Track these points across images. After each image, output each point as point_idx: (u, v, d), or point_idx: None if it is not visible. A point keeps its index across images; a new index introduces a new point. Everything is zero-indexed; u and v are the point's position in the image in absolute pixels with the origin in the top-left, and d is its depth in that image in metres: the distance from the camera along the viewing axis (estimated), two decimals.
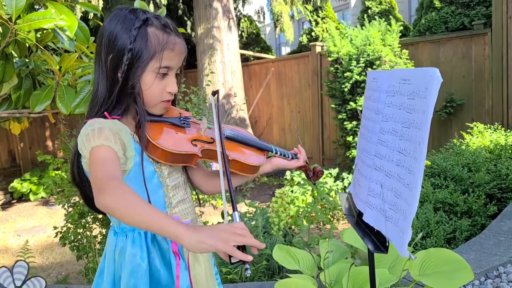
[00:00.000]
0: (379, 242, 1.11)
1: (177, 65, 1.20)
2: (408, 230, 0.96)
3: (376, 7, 8.70)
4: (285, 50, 23.06)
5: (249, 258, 0.91)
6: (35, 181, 7.19)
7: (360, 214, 1.25)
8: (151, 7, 7.92)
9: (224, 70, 7.61)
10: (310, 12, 9.67)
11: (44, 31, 2.01)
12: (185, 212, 1.27)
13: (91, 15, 6.97)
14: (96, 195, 0.96)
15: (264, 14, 10.87)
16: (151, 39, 1.14)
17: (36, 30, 1.92)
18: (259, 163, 1.35)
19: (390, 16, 7.83)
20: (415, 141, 0.97)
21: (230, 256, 0.92)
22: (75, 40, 1.96)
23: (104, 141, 1.06)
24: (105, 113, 1.15)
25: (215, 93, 1.28)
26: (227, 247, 0.88)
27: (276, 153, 1.42)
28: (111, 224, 1.25)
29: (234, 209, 1.07)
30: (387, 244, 1.06)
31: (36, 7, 2.05)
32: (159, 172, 1.21)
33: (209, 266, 1.31)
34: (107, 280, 1.19)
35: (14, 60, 2.02)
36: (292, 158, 1.45)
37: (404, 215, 0.98)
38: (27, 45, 1.98)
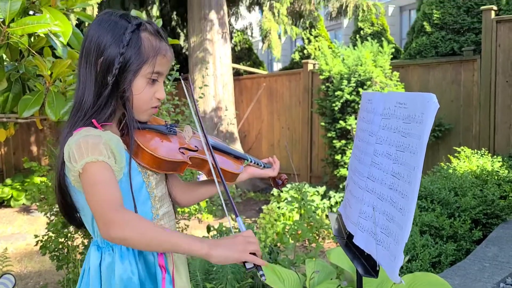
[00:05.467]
0: (369, 265, 1.09)
1: (166, 72, 1.22)
2: (400, 255, 0.95)
3: (369, 28, 8.83)
4: (277, 66, 23.24)
5: (266, 263, 1.04)
6: (17, 187, 7.05)
7: (350, 236, 1.23)
8: (144, 18, 7.93)
9: (215, 83, 7.62)
10: (304, 30, 9.77)
11: (38, 36, 1.98)
12: (169, 225, 1.26)
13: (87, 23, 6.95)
14: (104, 229, 0.97)
15: (252, 29, 10.97)
16: (144, 44, 1.14)
17: (30, 35, 1.90)
18: (239, 171, 1.39)
19: (382, 38, 7.95)
20: (410, 165, 0.96)
21: (244, 262, 1.01)
22: (68, 46, 1.94)
23: (99, 156, 1.03)
24: (93, 120, 1.11)
25: (185, 77, 1.29)
26: (247, 257, 1.00)
27: (251, 162, 1.46)
28: (91, 238, 1.21)
29: (236, 214, 1.15)
30: (378, 268, 1.05)
31: (31, 12, 2.03)
32: (147, 182, 1.20)
33: (188, 280, 1.31)
34: None
35: (5, 64, 1.99)
36: (264, 167, 1.49)
37: (396, 240, 0.97)
38: (19, 49, 1.95)
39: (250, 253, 1.01)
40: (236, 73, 9.05)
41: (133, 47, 1.12)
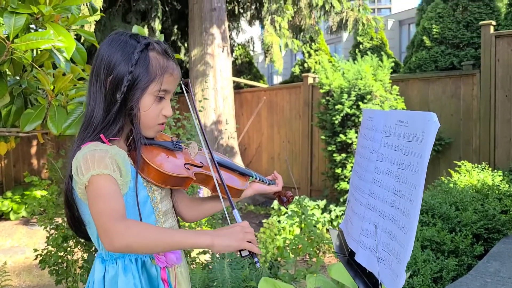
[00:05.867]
0: (371, 283, 1.09)
1: (174, 89, 1.24)
2: (402, 273, 0.94)
3: (368, 42, 8.89)
4: (277, 79, 23.36)
5: (260, 251, 1.03)
6: (17, 199, 7.03)
7: (352, 253, 1.23)
8: (146, 31, 8.00)
9: (216, 96, 7.65)
10: (303, 44, 9.84)
11: (40, 51, 2.00)
12: None
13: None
14: (106, 240, 0.98)
15: (254, 44, 11.06)
16: (152, 63, 1.17)
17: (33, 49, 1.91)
18: (244, 187, 1.42)
19: (382, 52, 8.01)
20: (411, 183, 0.96)
21: (240, 251, 1.07)
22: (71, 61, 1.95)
23: (104, 170, 1.05)
24: (101, 135, 1.14)
25: (185, 83, 1.30)
26: (246, 245, 1.05)
27: (256, 178, 1.48)
28: (92, 250, 1.24)
29: (233, 207, 1.21)
30: (380, 286, 1.04)
31: (33, 27, 2.05)
32: (152, 197, 1.22)
33: None
34: None
35: (8, 79, 2.00)
36: (269, 184, 1.51)
37: (398, 258, 0.97)
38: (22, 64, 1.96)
39: (247, 242, 1.06)
40: (237, 86, 9.09)
41: (141, 66, 1.15)
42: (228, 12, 9.26)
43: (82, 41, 6.88)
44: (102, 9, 6.79)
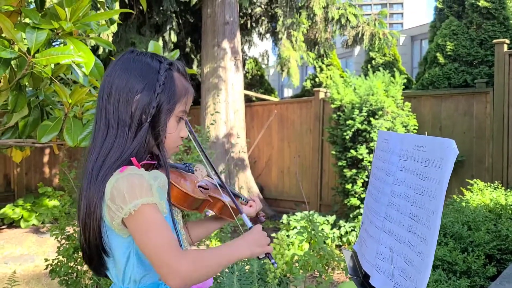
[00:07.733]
0: None
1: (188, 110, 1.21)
2: None
3: (380, 58, 8.89)
4: (287, 92, 23.43)
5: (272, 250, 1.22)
6: (28, 207, 7.07)
7: (366, 275, 1.22)
8: (161, 44, 8.09)
9: (227, 109, 7.69)
10: (315, 58, 9.86)
11: (58, 63, 2.03)
12: None
13: (100, 48, 7.09)
14: (172, 276, 0.96)
15: (268, 57, 11.12)
16: (177, 84, 1.13)
17: None
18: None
19: (394, 68, 8.00)
20: (429, 209, 0.96)
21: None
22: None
23: (151, 198, 1.00)
24: (132, 159, 1.06)
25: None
26: (269, 248, 1.15)
27: (244, 200, 1.45)
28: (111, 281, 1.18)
29: (241, 212, 1.26)
30: None
31: (52, 42, 2.08)
32: (178, 220, 1.20)
33: None
34: None
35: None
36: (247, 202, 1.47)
37: (414, 284, 0.96)
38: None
39: (267, 245, 1.15)
40: (248, 100, 9.12)
41: (169, 87, 1.11)
42: (241, 26, 9.34)
43: (100, 52, 6.96)
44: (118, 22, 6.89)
